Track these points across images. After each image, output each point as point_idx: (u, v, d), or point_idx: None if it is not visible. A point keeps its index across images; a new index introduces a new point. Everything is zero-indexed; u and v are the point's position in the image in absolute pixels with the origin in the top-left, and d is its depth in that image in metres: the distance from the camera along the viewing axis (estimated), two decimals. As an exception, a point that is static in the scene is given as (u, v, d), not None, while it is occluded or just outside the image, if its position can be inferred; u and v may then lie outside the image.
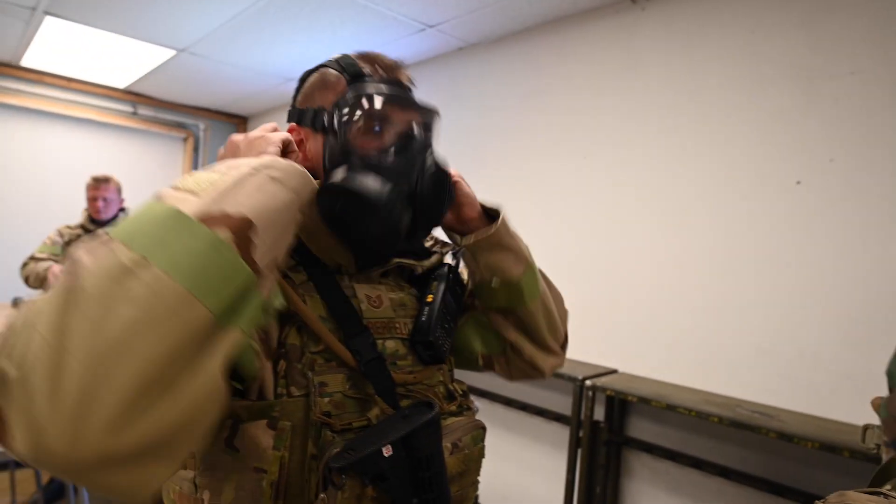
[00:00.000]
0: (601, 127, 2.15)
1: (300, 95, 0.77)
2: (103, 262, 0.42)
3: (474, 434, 0.72)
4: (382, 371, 0.64)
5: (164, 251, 0.44)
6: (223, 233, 0.47)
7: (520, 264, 0.78)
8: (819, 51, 1.62)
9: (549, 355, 0.84)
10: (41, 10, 2.52)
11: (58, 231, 2.86)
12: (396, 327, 0.70)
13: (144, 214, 0.47)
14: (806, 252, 1.62)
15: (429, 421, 0.59)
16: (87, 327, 0.39)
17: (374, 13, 2.33)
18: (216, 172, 0.52)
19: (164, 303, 0.42)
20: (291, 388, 0.59)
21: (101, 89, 3.78)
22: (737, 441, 1.72)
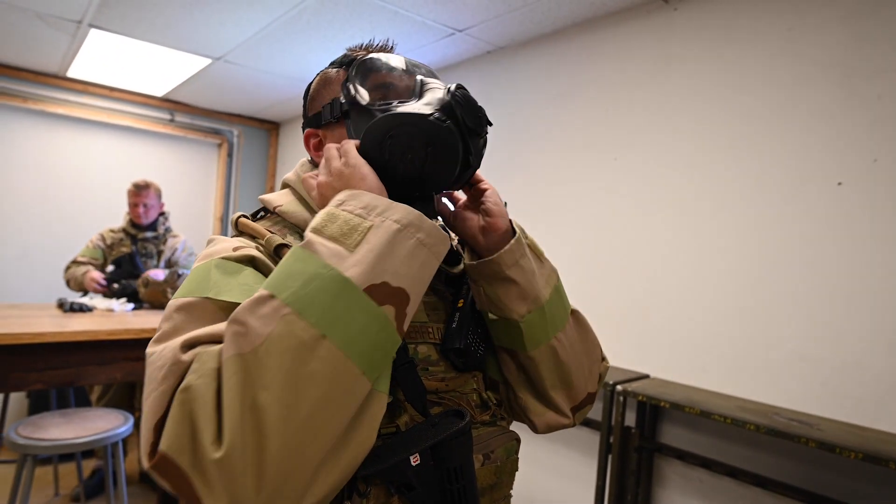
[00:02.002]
0: (633, 128, 2.13)
1: (308, 104, 0.78)
2: (282, 337, 0.45)
3: (508, 446, 0.68)
4: (413, 377, 0.62)
5: (341, 328, 0.47)
6: (388, 310, 0.50)
7: (524, 303, 0.67)
8: (861, 47, 1.57)
9: (547, 410, 0.72)
10: (86, 24, 2.63)
11: (100, 235, 2.97)
12: (429, 332, 0.68)
13: (305, 273, 0.49)
14: (848, 256, 1.57)
15: (459, 430, 0.56)
16: (280, 410, 0.43)
17: (405, 19, 2.36)
18: (350, 211, 0.53)
19: (342, 383, 0.46)
20: None
21: (141, 97, 3.92)
22: (774, 450, 1.67)
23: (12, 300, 3.47)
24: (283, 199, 0.72)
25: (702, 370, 1.87)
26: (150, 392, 0.48)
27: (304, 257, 0.50)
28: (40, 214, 3.64)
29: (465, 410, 0.61)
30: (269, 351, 0.44)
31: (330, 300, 0.47)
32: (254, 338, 0.45)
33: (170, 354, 0.48)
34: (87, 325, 2.15)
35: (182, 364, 0.47)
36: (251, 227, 0.67)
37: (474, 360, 0.68)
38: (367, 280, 0.49)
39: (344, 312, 0.47)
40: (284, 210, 0.70)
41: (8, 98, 3.44)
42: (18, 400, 3.31)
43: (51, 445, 1.85)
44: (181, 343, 0.49)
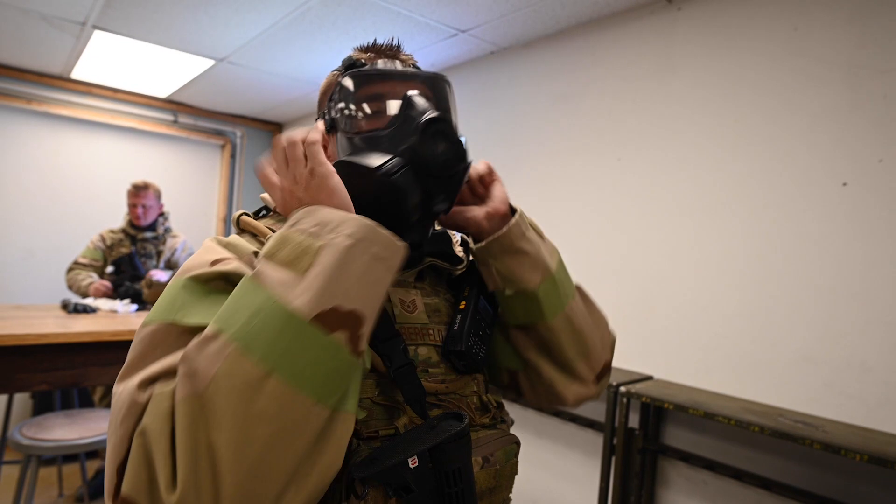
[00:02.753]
0: (636, 129, 2.13)
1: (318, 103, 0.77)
2: (228, 376, 0.45)
3: (507, 449, 0.68)
4: (412, 379, 0.61)
5: (287, 363, 0.46)
6: (340, 336, 0.48)
7: (536, 272, 0.70)
8: (867, 47, 1.57)
9: (573, 381, 0.75)
10: (90, 25, 2.64)
11: (100, 236, 2.98)
12: (430, 334, 0.68)
13: (251, 306, 0.48)
14: (853, 256, 1.56)
15: (458, 433, 0.56)
16: (232, 450, 0.43)
17: (407, 19, 2.36)
18: (302, 231, 0.52)
19: (293, 417, 0.45)
20: None
21: (144, 99, 3.93)
22: (778, 452, 1.67)
23: (17, 301, 3.48)
24: None
25: (706, 371, 1.86)
26: (112, 435, 0.49)
27: (252, 289, 0.49)
28: (45, 215, 3.65)
29: (463, 413, 0.60)
30: (216, 391, 0.44)
31: (275, 335, 0.46)
32: (202, 378, 0.45)
33: (127, 396, 0.48)
34: (91, 326, 2.16)
35: (139, 405, 0.47)
36: (253, 225, 0.67)
37: (475, 362, 0.67)
38: (315, 308, 0.47)
39: (290, 346, 0.46)
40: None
41: (12, 99, 3.45)
42: (23, 401, 3.32)
43: (55, 446, 1.85)
44: (138, 383, 0.49)
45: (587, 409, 2.20)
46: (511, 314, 0.72)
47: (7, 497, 2.46)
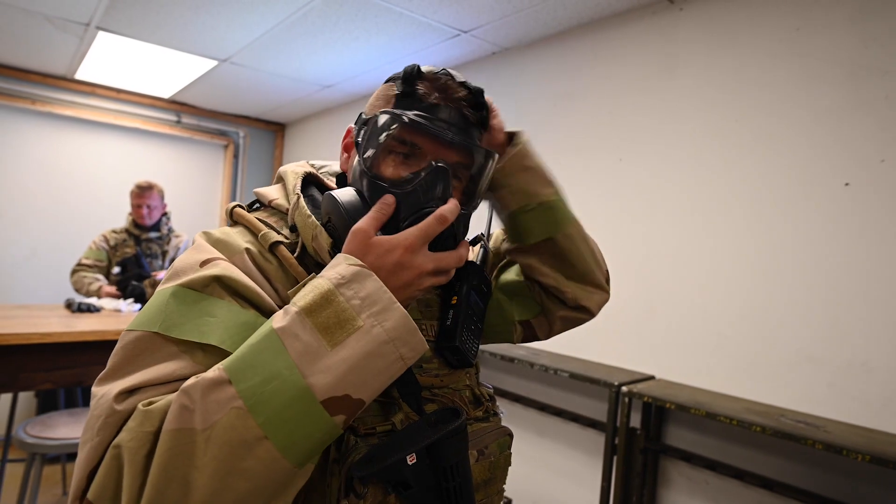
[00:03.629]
0: (638, 129, 2.13)
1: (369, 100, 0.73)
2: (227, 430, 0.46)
3: (501, 441, 0.69)
4: (408, 374, 0.61)
5: (285, 433, 0.47)
6: (339, 418, 0.50)
7: (548, 185, 0.76)
8: (869, 47, 1.56)
9: (594, 290, 0.82)
10: (94, 26, 2.65)
11: (103, 236, 2.99)
12: (423, 329, 0.68)
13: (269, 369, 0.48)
14: (855, 257, 1.56)
15: (455, 429, 0.56)
16: (205, 494, 0.45)
17: (410, 20, 2.36)
18: (348, 298, 0.51)
19: (274, 479, 0.48)
20: None
21: (148, 99, 3.94)
22: (780, 452, 1.67)
23: (21, 301, 3.50)
24: (278, 193, 0.71)
25: (707, 371, 1.86)
26: (86, 441, 0.50)
27: (275, 349, 0.49)
28: (49, 215, 3.67)
29: (460, 408, 0.60)
30: (210, 438, 0.45)
31: (283, 405, 0.47)
32: (200, 420, 0.46)
33: (106, 404, 0.49)
34: (95, 325, 2.17)
35: (117, 416, 0.48)
36: (247, 218, 0.66)
37: (467, 357, 0.68)
38: (329, 392, 0.48)
39: (293, 419, 0.47)
40: (280, 204, 0.69)
41: (16, 100, 3.47)
42: (27, 399, 3.34)
43: (59, 444, 1.86)
44: (118, 392, 0.49)
45: (589, 408, 2.20)
46: (529, 233, 0.75)
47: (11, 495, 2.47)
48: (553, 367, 2.05)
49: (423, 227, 0.56)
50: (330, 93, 3.58)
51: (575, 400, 2.26)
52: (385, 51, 2.74)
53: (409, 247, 0.55)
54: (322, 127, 4.12)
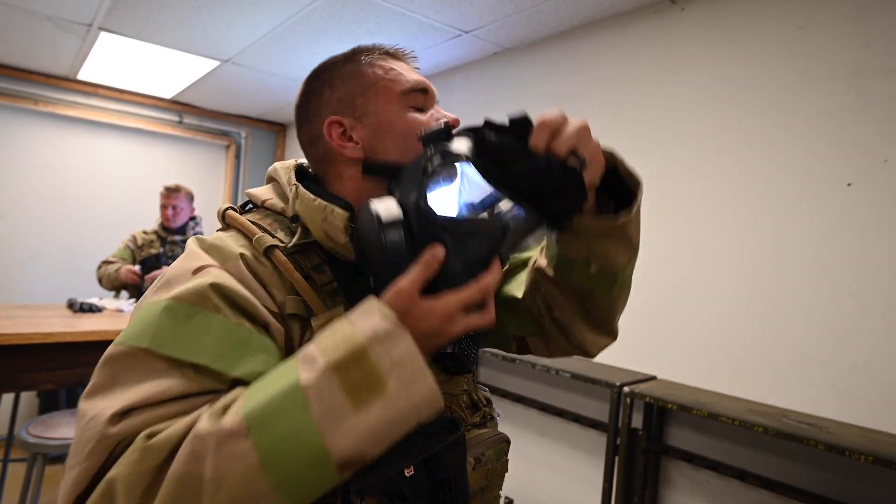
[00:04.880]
0: (640, 129, 2.12)
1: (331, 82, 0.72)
2: (238, 484, 0.45)
3: (498, 448, 0.68)
4: None
5: (296, 491, 0.47)
6: (347, 474, 0.49)
7: (628, 253, 0.67)
8: (871, 46, 1.56)
9: (604, 338, 0.76)
10: (96, 27, 2.65)
11: (132, 236, 3.04)
12: None
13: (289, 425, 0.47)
14: (857, 257, 1.55)
15: (453, 441, 0.55)
16: None
17: (411, 20, 2.36)
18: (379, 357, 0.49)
19: None
20: None
21: (150, 100, 3.94)
22: (782, 452, 1.66)
23: (23, 301, 3.51)
24: (271, 193, 0.70)
25: (709, 372, 1.86)
26: (75, 464, 0.48)
27: (298, 405, 0.47)
28: (51, 216, 3.67)
29: (458, 419, 0.59)
30: (219, 488, 0.45)
31: (299, 466, 0.47)
32: (210, 469, 0.45)
33: (96, 428, 0.48)
34: (97, 325, 2.17)
35: (108, 440, 0.47)
36: (240, 221, 0.65)
37: (466, 364, 0.67)
38: (346, 456, 0.48)
39: (306, 479, 0.47)
40: (273, 204, 0.68)
41: (19, 100, 3.47)
42: (29, 399, 3.35)
43: (61, 444, 1.87)
44: (110, 416, 0.48)
45: (590, 408, 2.20)
46: (574, 277, 0.68)
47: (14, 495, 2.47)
48: (554, 368, 2.04)
49: (464, 299, 0.53)
50: (331, 93, 3.58)
51: (576, 400, 2.26)
52: (386, 51, 2.74)
53: (447, 316, 0.53)
54: (323, 127, 4.12)
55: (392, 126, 0.66)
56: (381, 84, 0.68)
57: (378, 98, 0.68)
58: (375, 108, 0.67)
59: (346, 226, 0.60)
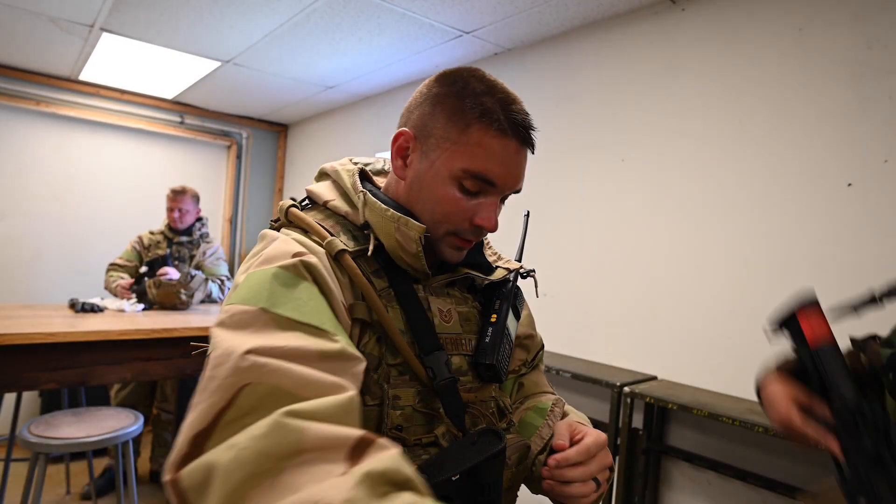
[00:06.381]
0: (640, 129, 2.13)
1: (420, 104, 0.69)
2: None
3: (521, 453, 0.71)
4: (454, 393, 0.65)
5: None
6: None
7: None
8: (872, 47, 1.56)
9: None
10: (98, 27, 2.66)
11: (139, 237, 3.06)
12: (462, 343, 0.71)
13: None
14: (857, 258, 1.55)
15: (497, 452, 0.60)
16: None
17: (412, 21, 2.37)
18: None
19: None
20: (366, 397, 0.61)
21: (151, 100, 3.95)
22: (783, 452, 1.66)
23: (25, 301, 3.51)
24: (333, 194, 0.71)
25: (710, 372, 1.86)
26: (200, 401, 0.47)
27: None
28: (53, 216, 3.68)
29: (501, 431, 0.62)
30: None
31: None
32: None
33: (229, 363, 0.48)
34: (99, 325, 2.18)
35: (238, 375, 0.47)
36: (307, 222, 0.67)
37: (500, 374, 0.70)
38: None
39: None
40: (337, 206, 0.70)
41: (21, 101, 3.48)
42: (31, 399, 3.35)
43: (63, 444, 1.87)
44: (244, 351, 0.49)
45: (591, 408, 2.20)
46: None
47: (16, 494, 2.48)
48: (555, 368, 2.05)
49: None
50: (333, 94, 3.58)
51: (577, 400, 2.26)
52: (388, 52, 2.74)
53: None
54: (325, 128, 4.13)
55: (433, 187, 0.66)
56: (457, 148, 0.64)
57: (443, 154, 0.65)
58: (435, 159, 0.66)
59: (420, 236, 0.64)
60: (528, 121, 0.66)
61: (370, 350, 0.62)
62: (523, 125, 0.65)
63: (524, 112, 0.67)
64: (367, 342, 0.63)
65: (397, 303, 0.66)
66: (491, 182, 0.65)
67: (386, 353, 0.63)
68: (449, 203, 0.66)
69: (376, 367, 0.62)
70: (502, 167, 0.65)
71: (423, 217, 0.67)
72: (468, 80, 0.66)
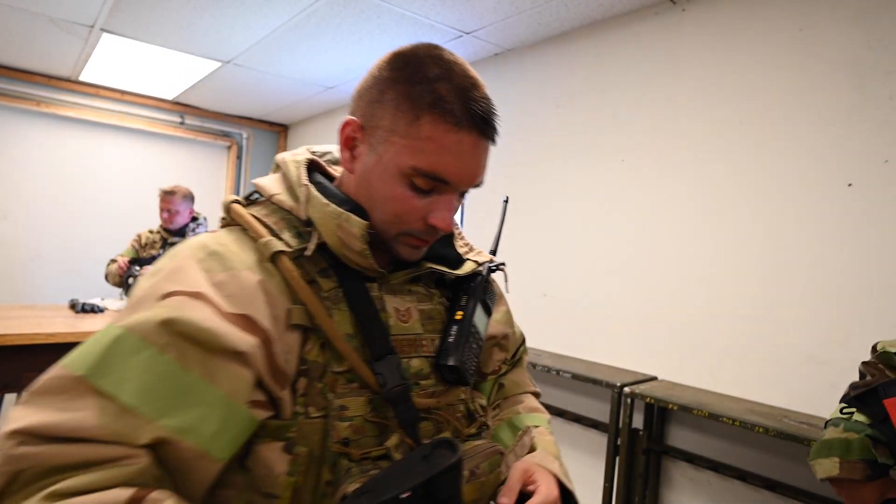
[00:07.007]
0: (640, 130, 2.13)
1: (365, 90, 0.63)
2: None
3: (492, 460, 0.66)
4: (407, 401, 0.60)
5: None
6: None
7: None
8: (873, 47, 1.56)
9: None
10: (98, 28, 2.66)
11: (138, 235, 3.08)
12: (423, 345, 0.66)
13: None
14: (857, 258, 1.56)
15: (452, 465, 0.54)
16: None
17: (412, 21, 2.37)
18: None
19: None
20: (310, 409, 0.56)
21: (152, 101, 3.96)
22: (784, 453, 1.66)
23: (26, 301, 3.52)
24: (279, 187, 0.64)
25: (710, 372, 1.86)
26: None
27: None
28: (53, 216, 3.68)
29: (456, 442, 0.56)
30: None
31: None
32: None
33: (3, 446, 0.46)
34: (99, 325, 2.18)
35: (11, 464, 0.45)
36: (245, 220, 0.61)
37: (465, 376, 0.65)
38: None
39: None
40: (282, 200, 0.63)
41: (21, 101, 3.48)
42: (31, 399, 3.35)
43: (63, 444, 1.87)
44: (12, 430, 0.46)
45: (591, 409, 2.20)
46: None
47: (16, 495, 2.48)
48: (555, 368, 2.05)
49: None
50: (332, 94, 3.58)
51: (577, 400, 2.26)
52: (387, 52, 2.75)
53: None
54: (325, 128, 4.13)
55: (382, 185, 0.60)
56: (406, 142, 0.58)
57: (391, 148, 0.59)
58: (383, 153, 0.59)
59: (363, 233, 0.58)
60: (488, 109, 0.59)
61: (314, 357, 0.57)
62: (482, 115, 0.58)
63: (485, 98, 0.60)
64: (310, 349, 0.57)
65: (346, 304, 0.60)
66: (444, 180, 0.59)
67: (331, 360, 0.58)
68: (399, 202, 0.60)
69: (321, 375, 0.57)
70: (457, 163, 0.58)
71: (373, 215, 0.61)
72: (423, 61, 0.59)
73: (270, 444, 0.54)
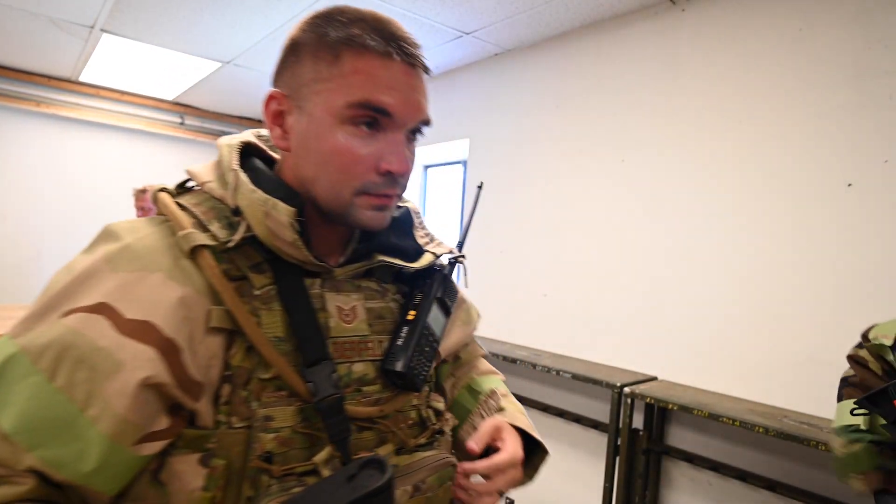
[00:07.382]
0: (639, 130, 2.13)
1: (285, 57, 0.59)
2: None
3: (441, 473, 0.60)
4: (339, 412, 0.54)
5: None
6: None
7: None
8: (872, 48, 1.56)
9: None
10: (98, 29, 2.66)
11: None
12: (369, 347, 0.60)
13: None
14: (857, 258, 1.56)
15: (377, 489, 0.49)
16: None
17: (412, 21, 2.37)
18: None
19: None
20: (233, 419, 0.51)
21: (152, 101, 3.96)
22: (783, 453, 1.66)
23: (26, 302, 3.51)
24: (212, 175, 0.59)
25: (710, 372, 1.86)
26: None
27: None
28: (53, 217, 3.69)
29: (385, 462, 0.51)
30: None
31: None
32: None
33: None
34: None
35: None
36: (169, 210, 0.55)
37: (415, 383, 0.60)
38: None
39: None
40: (212, 188, 0.57)
41: (21, 102, 3.48)
42: (31, 400, 3.36)
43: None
44: None
45: (591, 409, 2.20)
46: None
47: (16, 495, 2.48)
48: (555, 368, 2.05)
49: None
50: (333, 94, 3.58)
51: (577, 401, 2.26)
52: (387, 52, 2.75)
53: None
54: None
55: (320, 143, 0.54)
56: (332, 84, 0.53)
57: (319, 97, 0.54)
58: (312, 109, 0.54)
59: (291, 221, 0.53)
60: (409, 38, 0.55)
61: (238, 363, 0.52)
62: (403, 41, 0.54)
63: (402, 30, 0.56)
64: (235, 353, 0.52)
65: (279, 303, 0.55)
66: (383, 111, 0.53)
67: (257, 366, 0.52)
68: (342, 154, 0.54)
69: (245, 382, 0.52)
70: (392, 91, 0.53)
71: (321, 185, 0.55)
72: (330, 13, 0.56)
73: (186, 457, 0.50)
